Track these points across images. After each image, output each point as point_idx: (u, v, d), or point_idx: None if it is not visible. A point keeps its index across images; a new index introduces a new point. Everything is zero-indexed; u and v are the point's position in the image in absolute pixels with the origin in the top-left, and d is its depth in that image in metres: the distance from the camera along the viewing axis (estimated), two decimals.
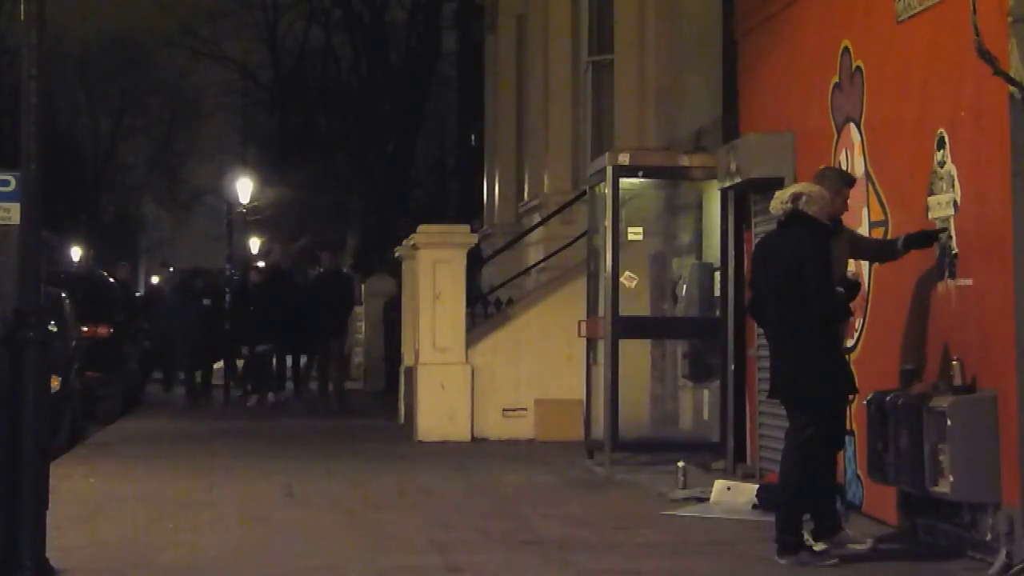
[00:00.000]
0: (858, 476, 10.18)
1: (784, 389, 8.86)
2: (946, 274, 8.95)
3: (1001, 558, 8.16)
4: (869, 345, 10.17)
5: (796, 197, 8.76)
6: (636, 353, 14.12)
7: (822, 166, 10.00)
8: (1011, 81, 8.08)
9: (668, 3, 16.88)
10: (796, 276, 8.62)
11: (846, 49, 10.63)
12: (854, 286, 9.17)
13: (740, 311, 12.23)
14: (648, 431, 14.28)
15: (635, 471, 12.84)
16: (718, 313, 13.01)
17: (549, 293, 16.83)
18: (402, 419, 17.98)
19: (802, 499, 8.86)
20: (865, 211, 10.24)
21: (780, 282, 8.73)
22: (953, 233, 8.89)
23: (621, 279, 13.13)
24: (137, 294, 51.85)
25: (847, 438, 10.35)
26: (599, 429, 13.33)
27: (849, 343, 10.30)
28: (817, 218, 8.74)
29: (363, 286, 27.23)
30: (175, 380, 24.26)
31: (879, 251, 9.63)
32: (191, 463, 13.77)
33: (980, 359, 8.54)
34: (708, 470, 12.48)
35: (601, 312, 13.25)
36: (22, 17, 8.07)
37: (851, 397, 9.76)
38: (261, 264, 24.58)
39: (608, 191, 13.05)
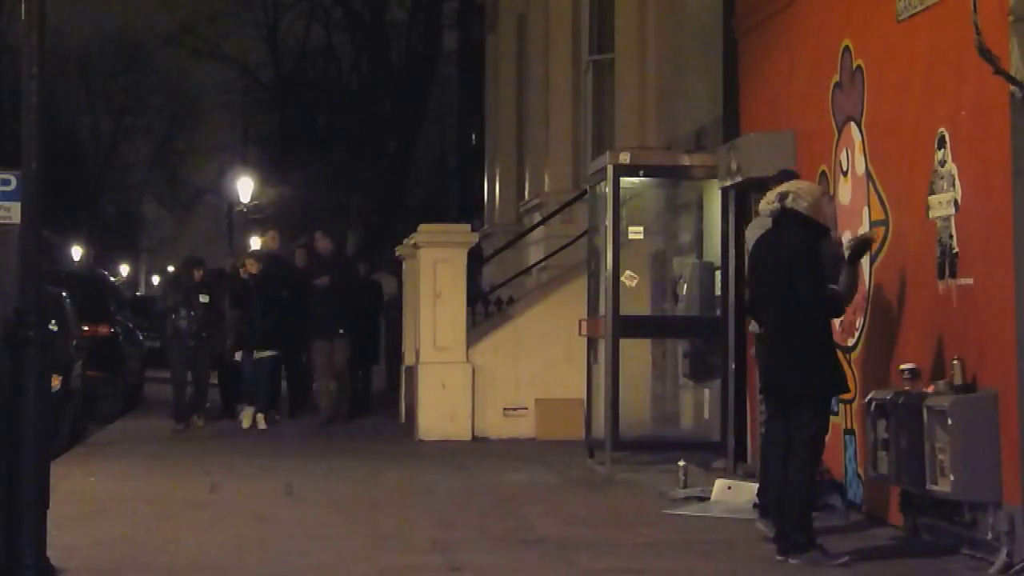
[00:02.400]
0: (858, 475, 10.18)
1: (784, 387, 8.85)
2: (946, 273, 8.96)
3: (1002, 557, 8.17)
4: (869, 344, 10.17)
5: (783, 196, 8.80)
6: (637, 352, 14.11)
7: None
8: (1012, 80, 8.08)
9: (669, 2, 16.90)
10: (788, 273, 8.64)
11: (847, 48, 10.63)
12: (864, 242, 9.32)
13: (741, 310, 12.23)
14: (649, 430, 14.28)
15: (636, 470, 12.84)
16: (719, 312, 13.00)
17: (550, 292, 16.83)
18: (403, 418, 17.98)
19: (813, 496, 8.88)
20: (866, 210, 10.24)
21: (774, 280, 8.76)
22: (954, 232, 8.90)
23: (622, 278, 13.12)
24: (137, 293, 51.94)
25: (847, 437, 10.38)
26: (600, 428, 13.33)
27: (849, 342, 10.31)
28: (807, 214, 8.76)
29: None
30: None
31: (836, 265, 9.56)
32: (191, 462, 13.77)
33: (980, 358, 8.54)
34: (709, 469, 12.48)
35: (602, 311, 13.25)
36: (23, 16, 8.07)
37: (848, 396, 9.78)
38: (254, 250, 20.54)
39: (609, 190, 13.05)
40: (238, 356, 18.18)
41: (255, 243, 30.65)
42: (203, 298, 17.56)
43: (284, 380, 19.40)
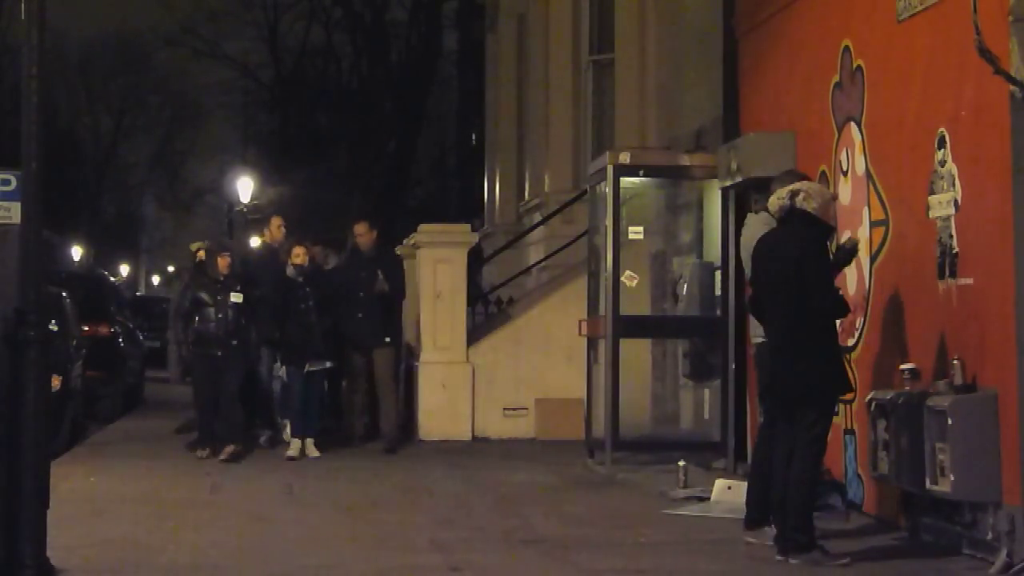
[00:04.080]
0: (859, 475, 10.19)
1: (789, 387, 8.80)
2: (946, 273, 8.96)
3: (1002, 557, 8.17)
4: (869, 344, 10.17)
5: (794, 194, 8.79)
6: (637, 352, 14.12)
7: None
8: (1012, 80, 8.08)
9: (669, 2, 16.89)
10: (796, 272, 8.63)
11: (847, 48, 10.63)
12: (851, 250, 9.27)
13: (741, 310, 12.22)
14: (649, 430, 14.28)
15: (636, 470, 12.84)
16: (719, 312, 13.01)
17: (550, 292, 16.83)
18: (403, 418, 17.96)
19: (814, 497, 8.87)
20: (866, 210, 10.24)
21: (780, 279, 8.74)
22: (954, 232, 8.90)
23: (622, 278, 13.12)
24: (138, 293, 51.88)
25: (847, 437, 10.38)
26: (600, 428, 13.33)
27: (850, 342, 10.30)
28: (815, 214, 8.75)
29: None
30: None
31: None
32: (192, 462, 13.75)
33: (980, 358, 8.54)
34: (709, 469, 12.48)
35: (602, 311, 13.25)
36: (23, 16, 8.07)
37: (850, 396, 9.78)
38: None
39: (609, 190, 13.04)
40: (282, 372, 14.60)
41: (254, 242, 30.47)
42: (235, 296, 14.05)
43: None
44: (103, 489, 11.89)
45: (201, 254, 15.13)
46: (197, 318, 14.02)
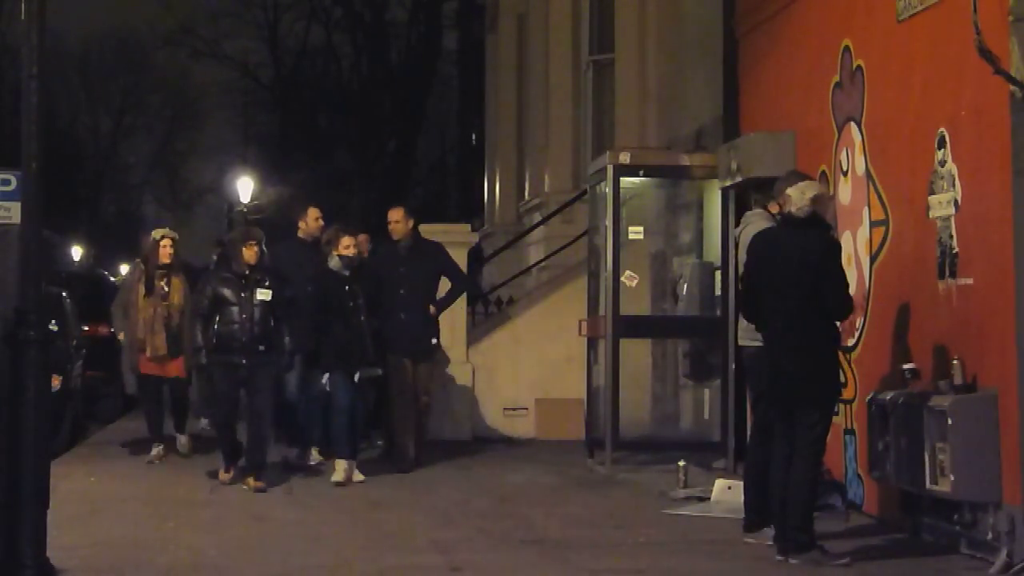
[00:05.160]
0: (859, 475, 10.19)
1: (791, 387, 8.78)
2: (946, 273, 8.96)
3: (1002, 557, 8.17)
4: (869, 344, 10.17)
5: (815, 199, 8.76)
6: (637, 352, 14.12)
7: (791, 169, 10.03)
8: (1012, 80, 8.08)
9: (669, 2, 16.89)
10: (811, 275, 8.57)
11: (847, 48, 10.64)
12: None
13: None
14: (649, 430, 14.29)
15: (636, 470, 12.84)
16: (719, 312, 13.01)
17: (550, 292, 16.83)
18: None
19: (815, 497, 8.87)
20: (866, 210, 10.24)
21: (787, 280, 8.66)
22: (954, 232, 8.90)
23: (622, 278, 13.12)
24: None
25: (847, 437, 10.38)
26: (600, 428, 13.33)
27: (850, 342, 10.30)
28: (825, 218, 8.80)
29: None
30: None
31: None
32: (191, 462, 13.75)
33: (980, 358, 8.55)
34: (709, 469, 12.48)
35: (602, 311, 13.25)
36: (23, 16, 8.07)
37: (847, 396, 9.78)
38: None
39: (609, 190, 13.05)
40: (325, 380, 12.40)
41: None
42: (261, 294, 11.84)
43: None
44: (103, 489, 11.89)
45: (166, 242, 13.90)
46: (218, 318, 11.81)
